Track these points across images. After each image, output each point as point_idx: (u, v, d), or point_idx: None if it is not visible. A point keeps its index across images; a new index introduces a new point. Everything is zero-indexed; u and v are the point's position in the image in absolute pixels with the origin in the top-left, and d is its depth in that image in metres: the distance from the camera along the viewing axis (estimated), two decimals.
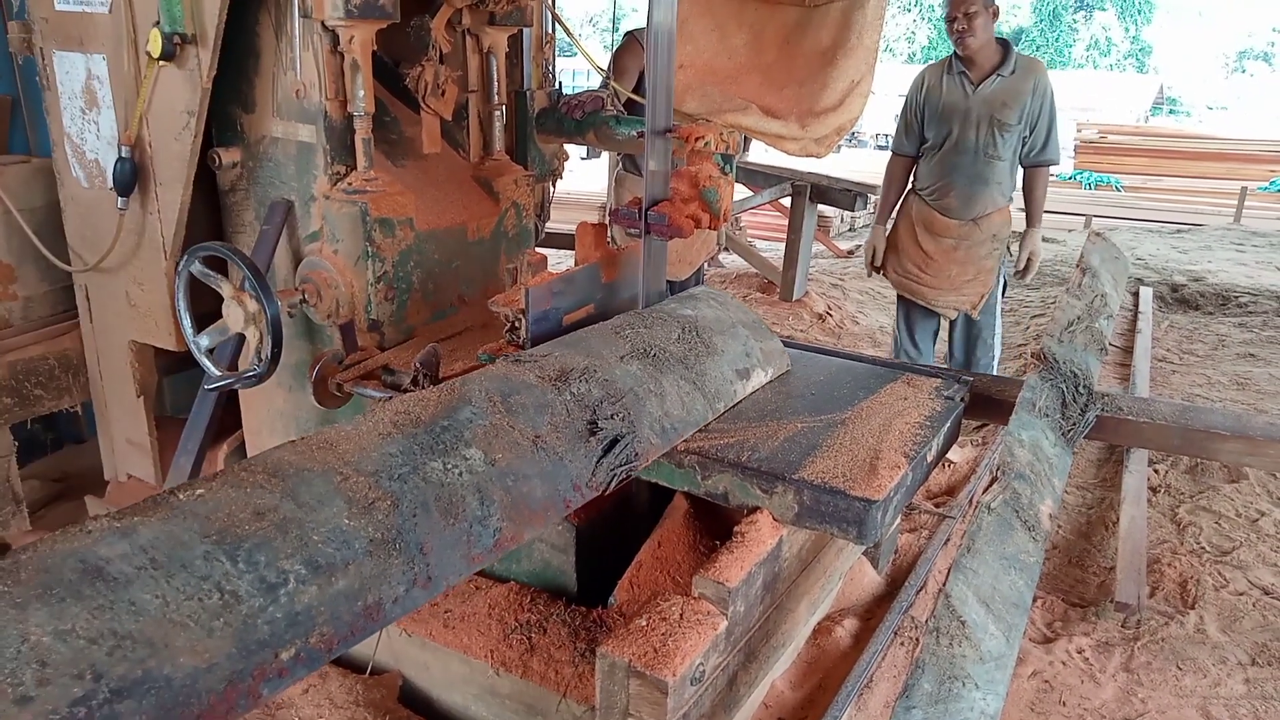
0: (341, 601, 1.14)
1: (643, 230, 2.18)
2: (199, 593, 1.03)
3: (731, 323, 2.14)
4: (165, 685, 0.95)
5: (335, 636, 1.12)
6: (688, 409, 1.84)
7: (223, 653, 1.01)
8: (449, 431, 1.42)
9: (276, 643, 1.06)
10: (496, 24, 2.64)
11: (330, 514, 1.20)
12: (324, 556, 1.14)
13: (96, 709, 0.89)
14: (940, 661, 1.40)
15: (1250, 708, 2.25)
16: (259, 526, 1.13)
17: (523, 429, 1.50)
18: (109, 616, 0.95)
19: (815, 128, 2.70)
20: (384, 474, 1.29)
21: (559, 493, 1.50)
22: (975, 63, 3.39)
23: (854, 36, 2.62)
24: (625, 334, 1.92)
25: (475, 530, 1.34)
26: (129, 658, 0.94)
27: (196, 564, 1.05)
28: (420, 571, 1.24)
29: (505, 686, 1.96)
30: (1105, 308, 2.66)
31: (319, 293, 2.33)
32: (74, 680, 0.90)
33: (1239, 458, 2.24)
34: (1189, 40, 33.41)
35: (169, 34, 2.17)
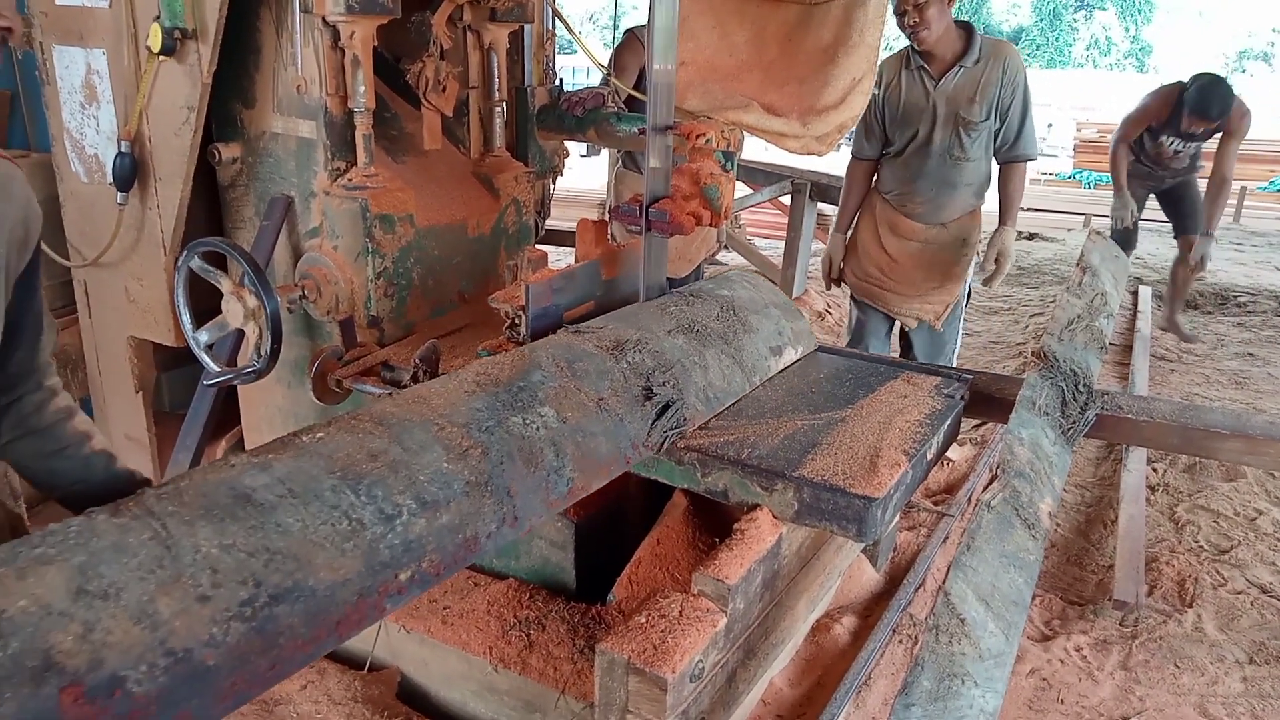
0: (446, 533, 1.29)
1: (643, 227, 2.18)
2: (331, 519, 1.18)
3: (765, 303, 2.28)
4: (310, 594, 1.10)
5: (442, 563, 1.28)
6: (728, 380, 1.99)
7: (354, 570, 1.16)
8: (525, 391, 1.58)
9: (396, 565, 1.22)
10: (497, 20, 2.64)
11: (431, 458, 1.34)
12: (429, 494, 1.29)
13: (259, 610, 1.05)
14: (939, 659, 1.40)
15: (1248, 706, 2.26)
16: (374, 466, 1.28)
17: (587, 392, 1.66)
18: (261, 535, 1.10)
19: (817, 125, 2.69)
20: (474, 425, 1.44)
21: (620, 450, 1.66)
22: (934, 55, 3.05)
23: (855, 34, 2.61)
24: (670, 311, 2.06)
25: (552, 479, 1.50)
26: (281, 570, 1.09)
27: (326, 495, 1.20)
28: (508, 512, 1.40)
29: (504, 683, 1.96)
30: (1105, 306, 2.65)
31: (319, 289, 2.33)
32: (239, 585, 1.04)
33: (1238, 457, 2.24)
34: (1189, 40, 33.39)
35: (169, 29, 2.17)
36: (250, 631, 1.03)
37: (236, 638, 1.01)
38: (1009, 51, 3.07)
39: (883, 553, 2.74)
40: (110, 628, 0.93)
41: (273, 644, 1.05)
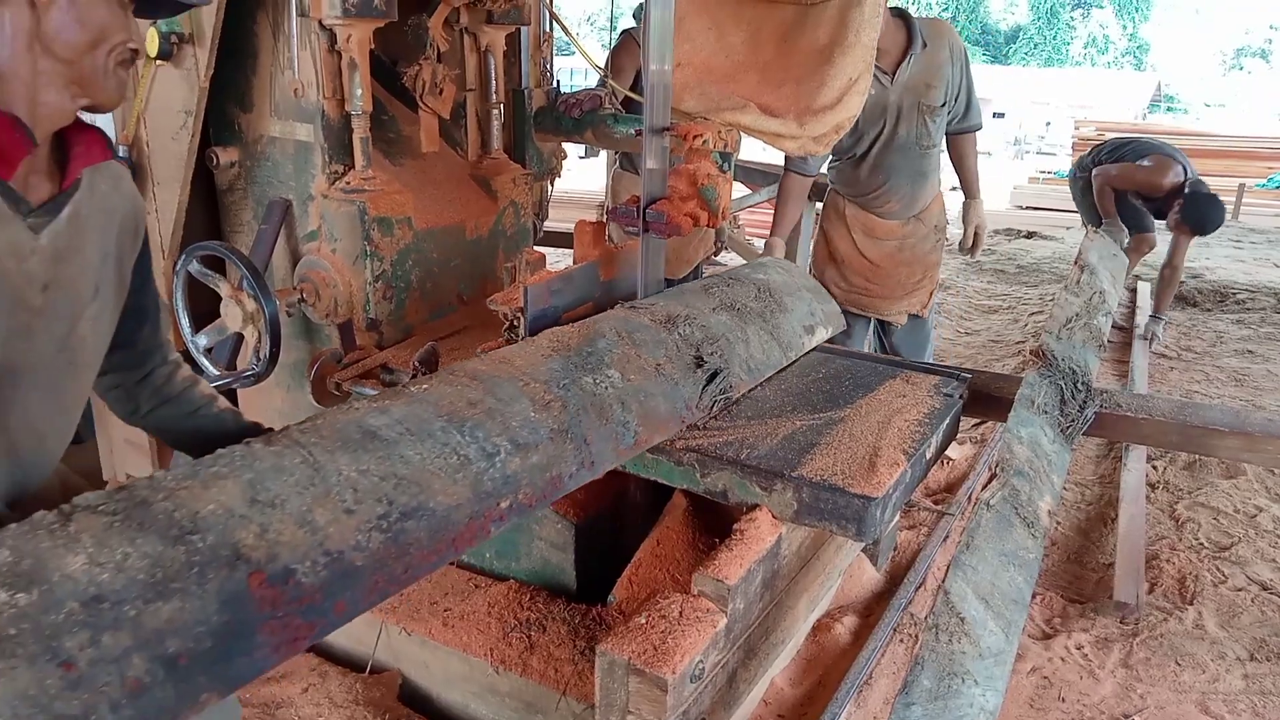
0: (536, 471, 1.46)
1: (641, 228, 2.18)
2: (442, 454, 1.35)
3: (797, 286, 2.44)
4: (432, 514, 1.28)
5: (534, 496, 1.45)
6: (766, 354, 2.15)
7: (464, 497, 1.33)
8: (593, 356, 1.76)
9: (497, 495, 1.39)
10: (494, 23, 2.64)
11: (520, 408, 1.52)
12: (521, 438, 1.47)
13: (393, 524, 1.22)
14: (939, 658, 1.40)
15: (1249, 703, 2.26)
16: (474, 412, 1.46)
17: (646, 358, 1.84)
18: (389, 464, 1.28)
19: (813, 125, 2.69)
20: (553, 383, 1.63)
21: (676, 410, 1.83)
22: (881, 51, 2.89)
23: (851, 34, 2.62)
24: (713, 291, 2.22)
25: (620, 431, 1.67)
26: (407, 492, 1.27)
27: (437, 434, 1.37)
28: (586, 457, 1.57)
29: (505, 685, 1.96)
30: (1104, 304, 2.66)
31: (317, 292, 2.33)
32: (376, 502, 1.22)
33: (1237, 454, 2.24)
34: (1186, 38, 33.44)
35: (166, 33, 2.18)
36: (387, 540, 1.21)
37: (376, 545, 1.19)
38: (948, 30, 3.11)
39: (883, 552, 2.74)
40: (280, 530, 1.11)
41: (405, 552, 1.23)
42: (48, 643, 0.88)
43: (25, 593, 0.90)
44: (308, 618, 1.11)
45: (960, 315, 5.87)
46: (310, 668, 2.20)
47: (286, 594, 1.08)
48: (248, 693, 2.10)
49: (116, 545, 0.99)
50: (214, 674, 0.99)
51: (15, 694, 0.83)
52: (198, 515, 1.06)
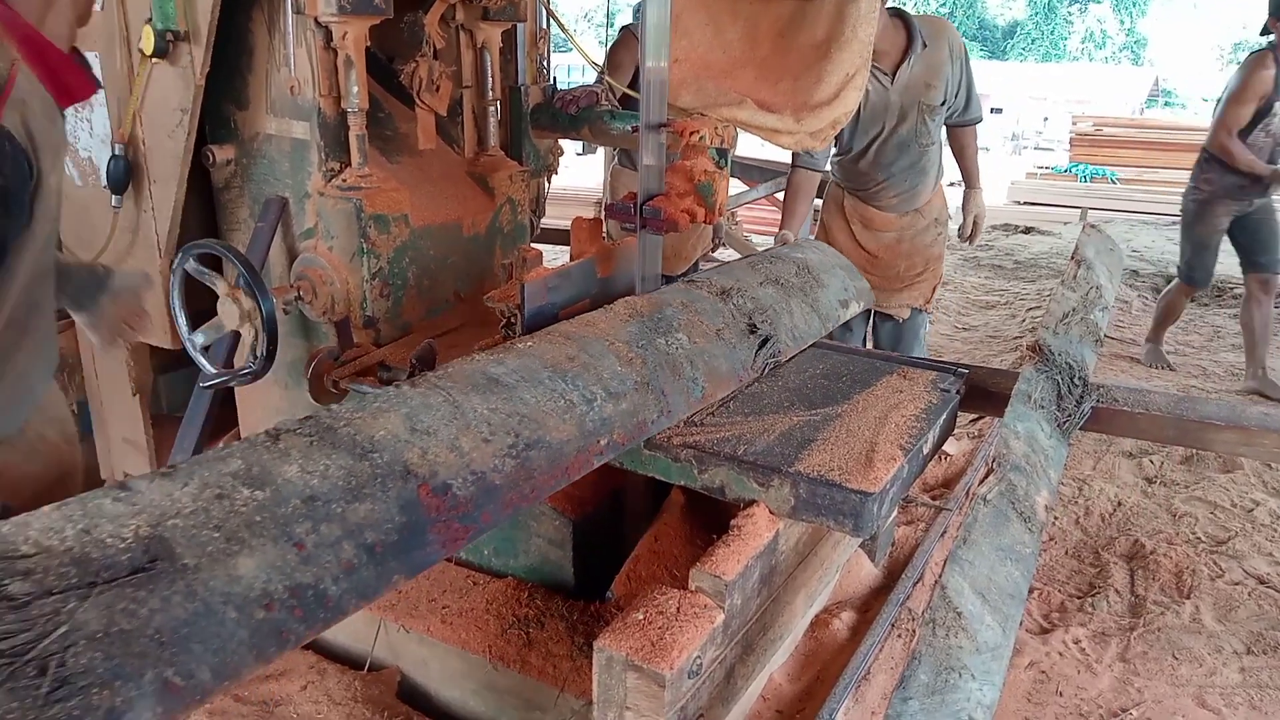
0: (626, 416, 1.70)
1: (638, 224, 2.18)
2: (552, 398, 1.58)
3: (832, 264, 2.64)
4: (548, 446, 1.50)
5: (625, 437, 1.69)
6: (808, 324, 2.35)
7: (572, 434, 1.56)
8: (663, 321, 1.98)
9: (596, 433, 1.62)
10: (490, 19, 2.64)
11: (609, 363, 1.76)
12: (612, 387, 1.70)
13: (520, 452, 1.46)
14: (936, 653, 1.40)
15: (1245, 696, 2.27)
16: (572, 365, 1.69)
17: (707, 324, 2.04)
18: (512, 404, 1.52)
19: (810, 121, 2.69)
20: (633, 343, 1.85)
21: (735, 370, 2.04)
22: (880, 53, 3.00)
23: (848, 30, 2.61)
24: (758, 268, 2.41)
25: (689, 386, 1.89)
26: (529, 427, 1.50)
27: (545, 382, 1.60)
28: (664, 406, 1.80)
29: (503, 681, 1.96)
30: (1100, 299, 2.66)
31: (314, 289, 2.33)
32: (506, 434, 1.46)
33: (1234, 448, 2.24)
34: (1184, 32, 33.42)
35: (161, 31, 2.17)
36: (517, 465, 1.43)
37: (509, 468, 1.42)
38: (947, 28, 3.14)
39: (881, 547, 2.74)
40: (436, 453, 1.34)
41: (530, 475, 1.46)
42: (283, 528, 1.12)
43: (261, 490, 1.16)
44: (463, 522, 1.33)
45: (958, 310, 5.88)
46: (309, 665, 2.20)
47: (446, 503, 1.31)
48: (245, 690, 2.10)
49: (319, 459, 1.24)
50: (400, 560, 1.22)
51: (267, 563, 1.07)
52: (373, 439, 1.32)
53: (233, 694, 2.10)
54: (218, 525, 1.08)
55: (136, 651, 0.92)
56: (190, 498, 1.11)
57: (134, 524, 1.03)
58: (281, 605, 1.05)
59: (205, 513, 1.09)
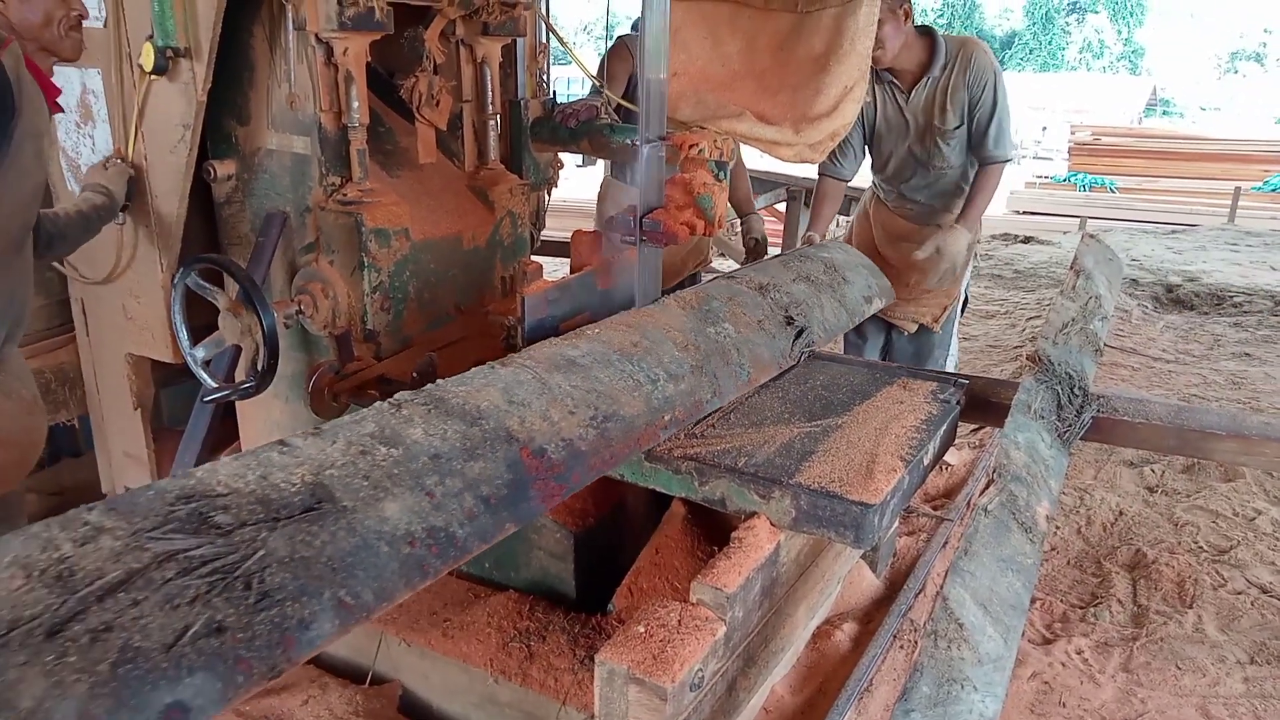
0: (685, 395, 1.87)
1: (637, 238, 2.19)
2: (622, 377, 1.77)
3: (855, 264, 2.82)
4: (622, 419, 1.70)
5: (684, 414, 1.86)
6: (837, 318, 2.52)
7: (641, 409, 1.75)
8: (710, 313, 2.16)
9: (661, 410, 1.81)
10: (490, 34, 2.65)
11: (668, 349, 1.94)
12: (672, 370, 1.88)
13: (600, 423, 1.65)
14: (938, 664, 1.40)
15: (1249, 706, 2.26)
16: (636, 350, 1.88)
17: (749, 316, 2.22)
18: (589, 383, 1.71)
19: (809, 133, 2.70)
20: (687, 332, 2.03)
21: (775, 357, 2.22)
22: (900, 70, 2.98)
23: (847, 42, 2.63)
24: (790, 266, 2.60)
25: (737, 370, 2.06)
26: (605, 402, 1.68)
27: (615, 364, 1.79)
28: (716, 388, 1.97)
29: (505, 695, 1.96)
30: (1100, 309, 2.66)
31: (315, 304, 2.34)
32: (587, 408, 1.65)
33: (1234, 457, 2.24)
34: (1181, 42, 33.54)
35: (162, 48, 2.18)
36: (597, 435, 1.62)
37: (592, 437, 1.61)
38: (975, 50, 2.97)
39: (882, 558, 2.74)
40: (532, 421, 1.53)
41: (609, 444, 1.64)
42: (416, 480, 1.31)
43: (395, 449, 1.35)
44: (557, 481, 1.50)
45: (958, 321, 5.88)
46: (310, 679, 2.19)
47: (544, 464, 1.49)
48: (247, 705, 2.10)
49: (437, 424, 1.44)
50: (510, 512, 1.40)
51: (407, 509, 1.27)
52: (479, 408, 1.51)
53: (234, 707, 2.09)
54: (365, 475, 1.29)
55: (315, 575, 1.11)
56: (340, 452, 1.32)
57: (299, 472, 1.25)
58: (421, 543, 1.25)
59: (353, 465, 1.30)
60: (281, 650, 1.02)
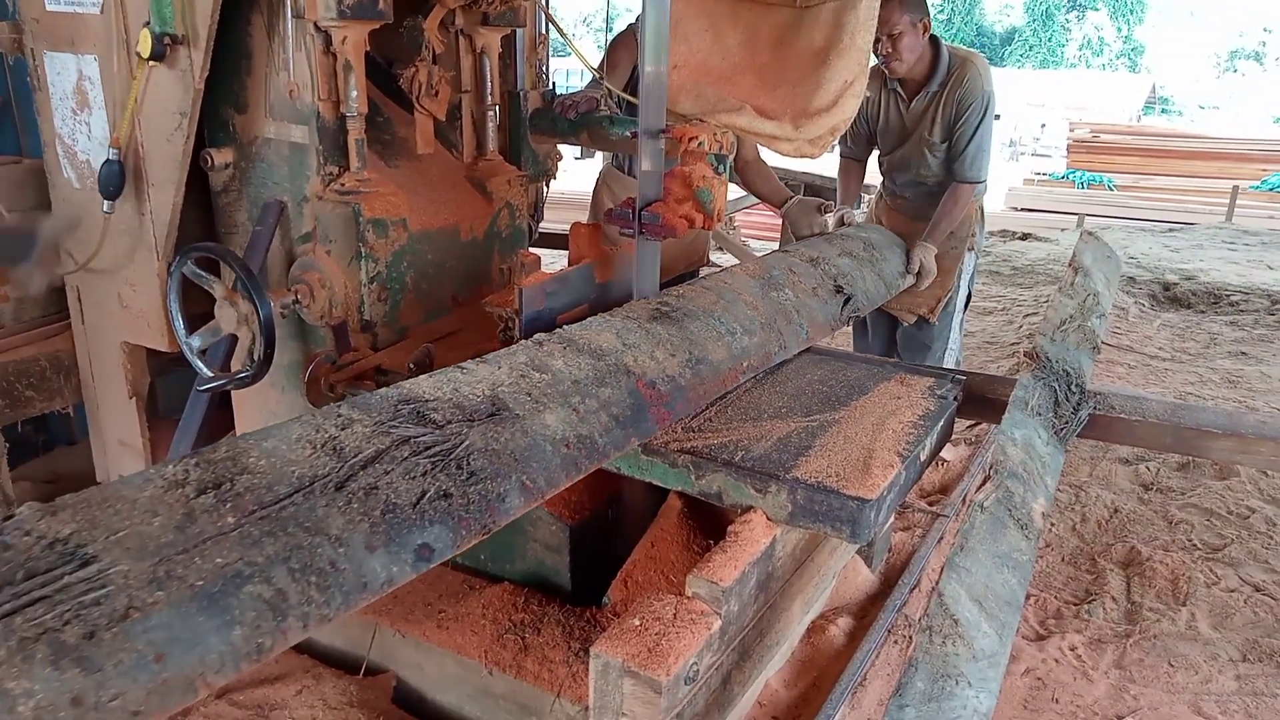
0: (757, 347, 2.16)
1: (636, 230, 2.18)
2: (706, 329, 2.05)
3: (890, 243, 3.09)
4: (710, 363, 1.98)
5: (758, 363, 2.16)
6: (876, 289, 2.80)
7: (724, 355, 2.03)
8: (773, 282, 2.41)
9: (739, 358, 2.08)
10: (489, 24, 2.64)
11: (740, 308, 2.20)
12: (745, 326, 2.16)
13: (693, 365, 1.93)
14: (933, 660, 1.40)
15: (1241, 704, 2.27)
16: (715, 308, 2.15)
17: (805, 284, 2.50)
18: (682, 332, 2.00)
19: (809, 128, 2.69)
20: (755, 295, 2.30)
21: (827, 319, 2.49)
22: (909, 78, 3.12)
23: (846, 37, 2.62)
24: (834, 243, 2.85)
25: (797, 329, 2.33)
26: (697, 348, 1.98)
27: (700, 318, 2.08)
28: (781, 343, 2.26)
29: (499, 686, 1.96)
30: (1098, 306, 2.66)
31: (312, 293, 2.33)
32: (683, 352, 1.94)
33: (1230, 456, 2.25)
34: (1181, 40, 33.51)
35: (159, 34, 2.17)
36: (692, 374, 1.91)
37: (689, 375, 1.90)
38: (970, 72, 3.03)
39: (878, 554, 2.74)
40: (642, 360, 1.84)
41: (702, 383, 1.93)
42: (565, 399, 1.62)
43: (544, 374, 1.67)
44: (667, 408, 1.79)
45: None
46: (304, 670, 2.19)
47: (656, 394, 1.78)
48: (241, 695, 2.10)
49: (573, 358, 1.74)
50: (633, 429, 1.72)
51: (560, 420, 1.58)
52: (601, 347, 1.80)
53: (227, 698, 2.10)
54: (527, 393, 1.60)
55: (504, 462, 1.43)
56: (506, 375, 1.63)
57: (480, 388, 1.57)
58: (574, 446, 1.56)
59: (518, 384, 1.60)
60: (489, 515, 1.36)
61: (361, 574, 1.16)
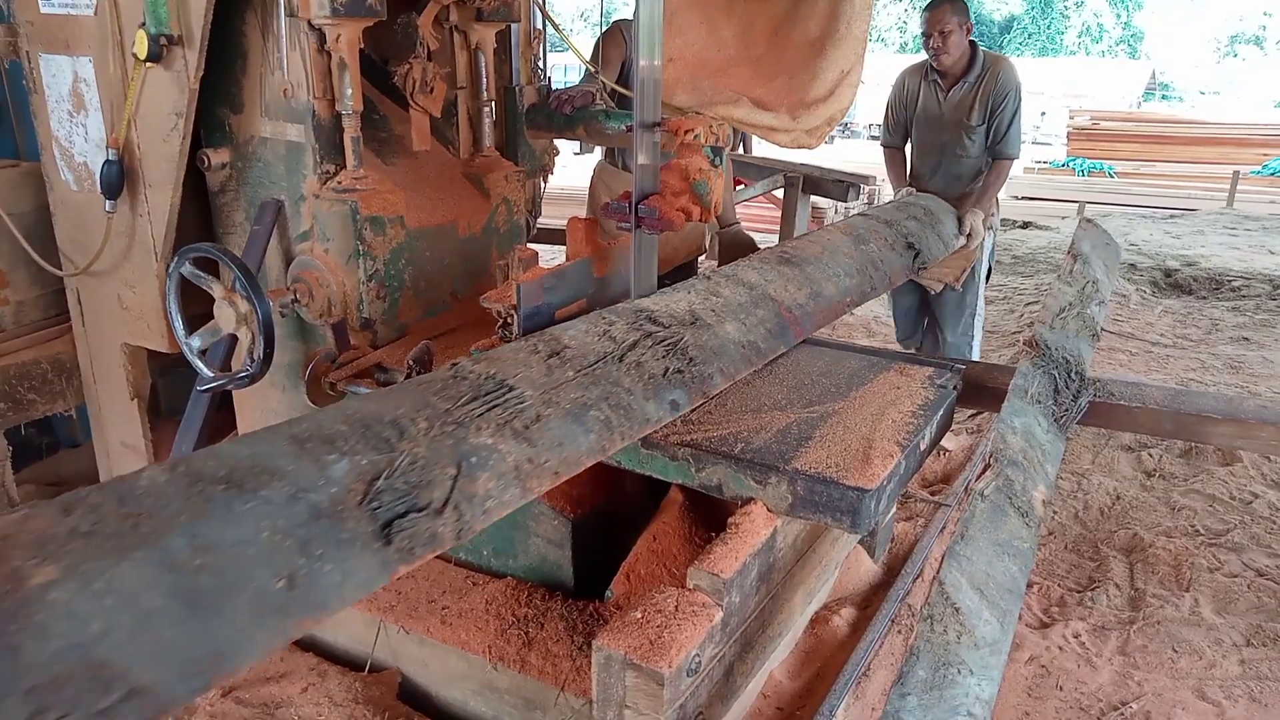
0: (856, 287, 2.50)
1: (633, 224, 2.18)
2: (820, 271, 2.40)
3: (943, 210, 3.45)
4: (827, 298, 2.34)
5: (855, 301, 2.50)
6: (938, 246, 3.17)
7: (835, 292, 2.39)
8: (860, 239, 2.74)
9: (845, 295, 2.43)
10: (484, 20, 2.64)
11: (841, 258, 2.53)
12: (845, 270, 2.50)
13: (814, 297, 2.29)
14: (935, 648, 1.40)
15: (1245, 688, 2.27)
16: (822, 256, 2.50)
17: (884, 240, 2.83)
18: (804, 273, 2.34)
19: (806, 119, 2.69)
20: (849, 247, 2.63)
21: (903, 269, 2.85)
22: (947, 72, 3.59)
23: (842, 26, 2.62)
24: (900, 210, 3.21)
25: (884, 276, 2.70)
26: (816, 285, 2.33)
27: (814, 263, 2.43)
28: (871, 284, 2.60)
29: (503, 681, 1.97)
30: (1097, 294, 2.66)
31: (311, 292, 2.33)
32: (807, 287, 2.30)
33: (1231, 441, 2.24)
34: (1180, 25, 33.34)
35: (155, 35, 2.17)
36: (814, 304, 2.28)
37: (811, 305, 2.28)
38: (1003, 67, 3.61)
39: (880, 544, 2.73)
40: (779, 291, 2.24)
41: (821, 311, 2.30)
42: (735, 315, 2.05)
43: (719, 298, 2.09)
44: (801, 327, 2.19)
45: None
46: (309, 667, 2.20)
47: (792, 315, 2.17)
48: (247, 693, 2.11)
49: (732, 287, 2.17)
50: (781, 340, 2.12)
51: (735, 328, 2.00)
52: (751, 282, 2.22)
53: (234, 696, 2.10)
54: (712, 310, 2.01)
55: (707, 354, 1.88)
56: (695, 298, 2.07)
57: (682, 305, 2.02)
58: (750, 347, 1.99)
59: (704, 304, 2.04)
60: (704, 386, 1.82)
61: (644, 413, 1.67)
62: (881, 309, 5.67)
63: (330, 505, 1.12)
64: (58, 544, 0.94)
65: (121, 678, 0.88)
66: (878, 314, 5.65)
